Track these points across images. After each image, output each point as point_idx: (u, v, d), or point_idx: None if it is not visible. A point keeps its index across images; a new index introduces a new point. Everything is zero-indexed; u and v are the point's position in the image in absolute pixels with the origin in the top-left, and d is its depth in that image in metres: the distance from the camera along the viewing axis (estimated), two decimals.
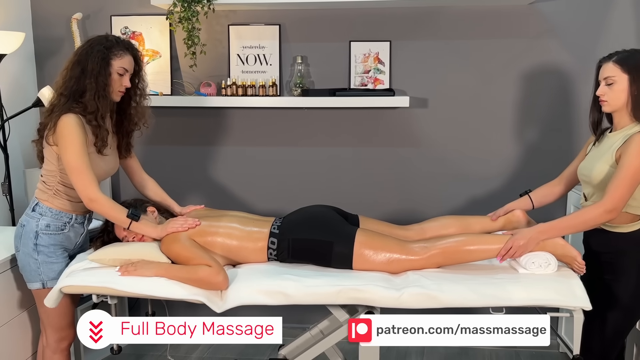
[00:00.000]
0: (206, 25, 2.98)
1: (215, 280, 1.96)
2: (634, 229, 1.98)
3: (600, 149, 2.05)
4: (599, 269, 2.01)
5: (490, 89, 2.97)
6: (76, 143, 1.99)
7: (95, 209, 2.06)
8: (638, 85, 1.92)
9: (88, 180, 2.00)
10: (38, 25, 3.16)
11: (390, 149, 3.07)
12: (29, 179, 2.89)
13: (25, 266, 2.13)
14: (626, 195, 1.89)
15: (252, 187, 3.18)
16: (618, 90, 1.94)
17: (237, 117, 3.13)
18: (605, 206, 1.90)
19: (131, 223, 2.07)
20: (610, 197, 1.89)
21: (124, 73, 2.11)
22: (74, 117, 2.01)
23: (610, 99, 1.96)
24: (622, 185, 1.88)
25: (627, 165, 1.88)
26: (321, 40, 3.02)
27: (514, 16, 2.89)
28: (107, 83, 2.07)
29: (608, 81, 1.95)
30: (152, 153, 3.14)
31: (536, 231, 1.99)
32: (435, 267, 2.07)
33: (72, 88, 2.05)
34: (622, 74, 1.93)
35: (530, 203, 2.27)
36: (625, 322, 2.01)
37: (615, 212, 1.90)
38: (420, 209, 3.04)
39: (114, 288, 1.96)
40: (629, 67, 1.93)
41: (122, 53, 2.10)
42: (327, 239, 2.08)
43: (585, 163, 2.08)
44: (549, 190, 2.28)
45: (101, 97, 2.05)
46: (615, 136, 2.00)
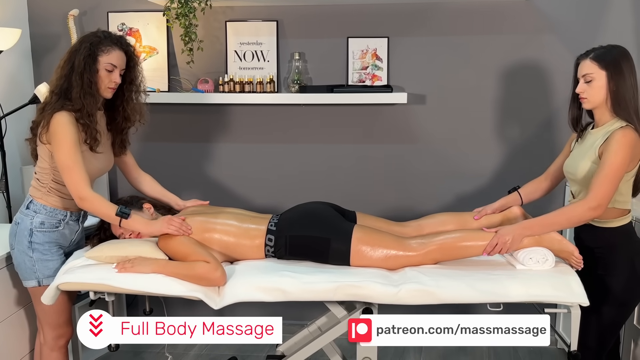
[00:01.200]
0: (203, 21, 2.97)
1: (213, 277, 1.96)
2: (622, 223, 1.99)
3: (583, 146, 2.05)
4: (592, 264, 2.02)
5: (488, 85, 2.97)
6: (68, 141, 1.98)
7: (85, 208, 2.04)
8: (616, 81, 1.92)
9: (79, 178, 1.99)
10: (35, 21, 3.15)
11: (388, 145, 3.07)
12: (26, 176, 2.88)
13: (20, 264, 2.12)
14: (610, 191, 1.89)
15: (249, 184, 3.18)
16: (597, 87, 1.95)
17: (234, 114, 3.12)
18: (589, 203, 1.90)
19: (121, 221, 2.04)
20: (594, 195, 1.89)
21: (112, 69, 2.07)
22: (66, 115, 2.00)
23: (589, 96, 1.97)
24: (605, 182, 1.88)
25: (609, 162, 1.89)
26: (319, 37, 3.02)
27: (511, 12, 2.89)
28: (92, 80, 2.04)
29: (587, 78, 1.96)
30: (149, 150, 3.14)
31: (521, 227, 2.00)
32: (432, 263, 2.07)
33: (63, 86, 2.04)
34: (600, 71, 1.94)
35: (520, 199, 2.28)
36: (620, 316, 2.02)
37: (599, 209, 1.91)
38: (417, 205, 3.04)
39: (111, 285, 1.95)
40: (606, 63, 1.93)
41: (110, 48, 2.06)
42: (324, 236, 2.07)
43: (570, 161, 2.09)
44: (536, 186, 2.29)
45: (87, 94, 2.02)
46: (597, 133, 2.00)
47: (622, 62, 1.93)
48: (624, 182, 1.95)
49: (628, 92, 1.92)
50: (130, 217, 2.04)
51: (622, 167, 1.89)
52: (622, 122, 1.93)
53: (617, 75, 1.92)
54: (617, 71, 1.92)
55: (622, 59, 1.94)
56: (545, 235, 2.00)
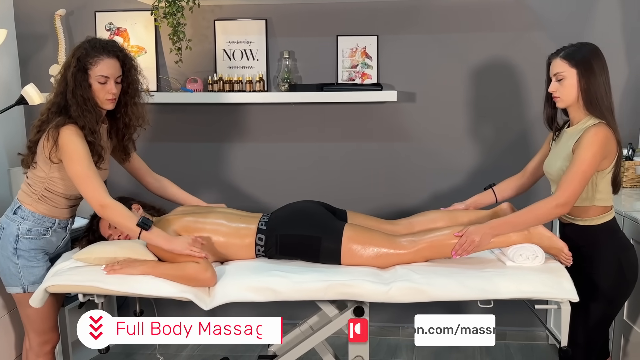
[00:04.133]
0: (191, 20, 2.95)
1: (203, 277, 1.95)
2: (605, 220, 1.99)
3: (560, 145, 2.06)
4: (579, 262, 2.02)
5: (478, 82, 2.97)
6: (80, 153, 1.93)
7: (106, 216, 1.96)
8: (587, 79, 1.92)
9: (97, 187, 1.93)
10: (21, 21, 3.11)
11: (378, 143, 3.07)
12: (13, 178, 2.85)
13: (4, 270, 2.08)
14: (578, 188, 1.89)
15: (238, 183, 3.16)
16: (568, 86, 1.95)
17: (224, 113, 3.11)
18: (557, 200, 1.90)
19: (141, 232, 1.92)
20: (562, 191, 1.90)
21: (105, 81, 1.97)
22: (73, 128, 1.94)
23: (562, 95, 1.97)
24: (574, 179, 1.88)
25: (579, 159, 1.89)
26: (308, 35, 3.01)
27: (501, 10, 2.90)
28: (87, 97, 1.95)
29: (558, 77, 1.97)
30: (138, 150, 3.11)
31: (489, 226, 1.99)
32: (423, 260, 2.07)
33: (60, 104, 1.97)
34: (571, 69, 1.94)
35: (494, 197, 2.29)
36: (608, 312, 2.03)
37: (567, 207, 1.91)
38: (408, 203, 3.05)
39: (100, 287, 1.94)
40: (576, 61, 1.93)
41: (97, 59, 1.96)
42: (315, 235, 2.07)
43: (549, 161, 2.10)
44: (512, 184, 2.31)
45: (85, 111, 1.95)
46: (571, 131, 2.01)
47: (592, 60, 1.93)
48: (601, 179, 1.95)
49: (600, 90, 1.92)
50: (151, 229, 1.94)
51: (592, 164, 1.89)
52: (595, 120, 1.94)
53: (588, 73, 1.92)
54: (587, 69, 1.92)
55: (592, 56, 1.94)
56: (534, 231, 2.01)
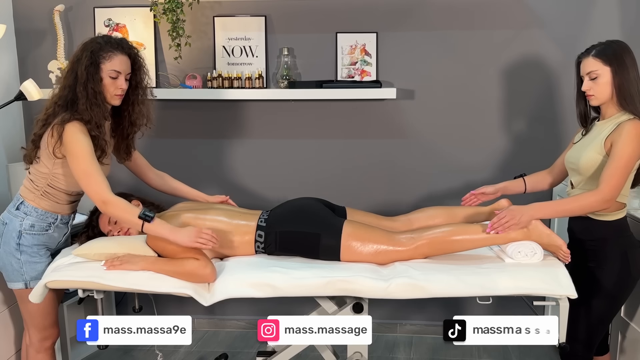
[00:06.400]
0: (191, 16, 2.95)
1: (202, 273, 1.95)
2: (618, 217, 2.00)
3: (588, 137, 2.06)
4: (583, 257, 2.03)
5: (477, 80, 2.97)
6: (84, 150, 1.93)
7: (109, 212, 1.96)
8: (621, 76, 1.93)
9: (100, 183, 1.93)
10: (19, 17, 3.10)
11: (377, 140, 3.07)
12: (12, 174, 2.84)
13: (6, 265, 2.08)
14: (620, 183, 1.91)
15: (237, 180, 3.17)
16: (603, 83, 1.96)
17: (223, 110, 3.11)
18: (603, 195, 1.91)
19: (144, 224, 1.93)
20: (607, 186, 1.90)
21: (116, 76, 2.01)
22: (77, 125, 1.94)
23: (596, 93, 1.98)
24: (616, 174, 1.90)
25: (620, 154, 1.90)
26: (307, 32, 3.01)
27: (500, 7, 2.90)
28: (97, 90, 1.97)
29: (591, 75, 1.97)
30: (137, 146, 3.10)
31: (533, 208, 1.99)
32: (422, 257, 2.07)
33: (67, 97, 1.98)
34: (604, 67, 1.95)
35: (524, 186, 2.29)
36: (609, 309, 2.03)
37: (611, 202, 1.93)
38: (407, 200, 3.05)
39: (100, 282, 1.94)
40: (609, 58, 1.94)
41: (112, 54, 2.00)
42: (314, 231, 2.07)
43: (573, 152, 2.10)
44: (541, 178, 2.31)
45: (93, 105, 1.96)
46: (603, 125, 2.01)
47: (624, 56, 1.94)
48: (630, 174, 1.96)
49: (632, 85, 1.94)
50: (153, 221, 1.94)
51: (632, 158, 1.90)
52: (629, 115, 1.95)
53: (621, 70, 1.93)
54: (620, 65, 1.93)
55: (624, 52, 1.95)
56: (534, 229, 2.01)
